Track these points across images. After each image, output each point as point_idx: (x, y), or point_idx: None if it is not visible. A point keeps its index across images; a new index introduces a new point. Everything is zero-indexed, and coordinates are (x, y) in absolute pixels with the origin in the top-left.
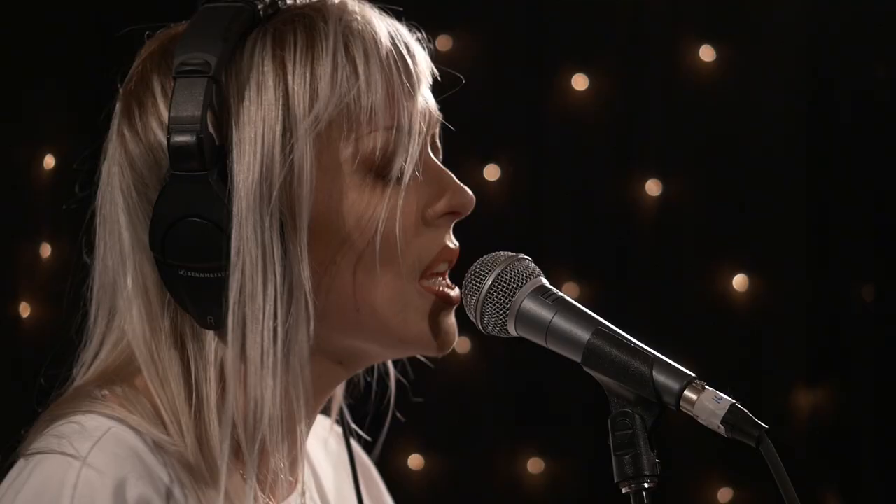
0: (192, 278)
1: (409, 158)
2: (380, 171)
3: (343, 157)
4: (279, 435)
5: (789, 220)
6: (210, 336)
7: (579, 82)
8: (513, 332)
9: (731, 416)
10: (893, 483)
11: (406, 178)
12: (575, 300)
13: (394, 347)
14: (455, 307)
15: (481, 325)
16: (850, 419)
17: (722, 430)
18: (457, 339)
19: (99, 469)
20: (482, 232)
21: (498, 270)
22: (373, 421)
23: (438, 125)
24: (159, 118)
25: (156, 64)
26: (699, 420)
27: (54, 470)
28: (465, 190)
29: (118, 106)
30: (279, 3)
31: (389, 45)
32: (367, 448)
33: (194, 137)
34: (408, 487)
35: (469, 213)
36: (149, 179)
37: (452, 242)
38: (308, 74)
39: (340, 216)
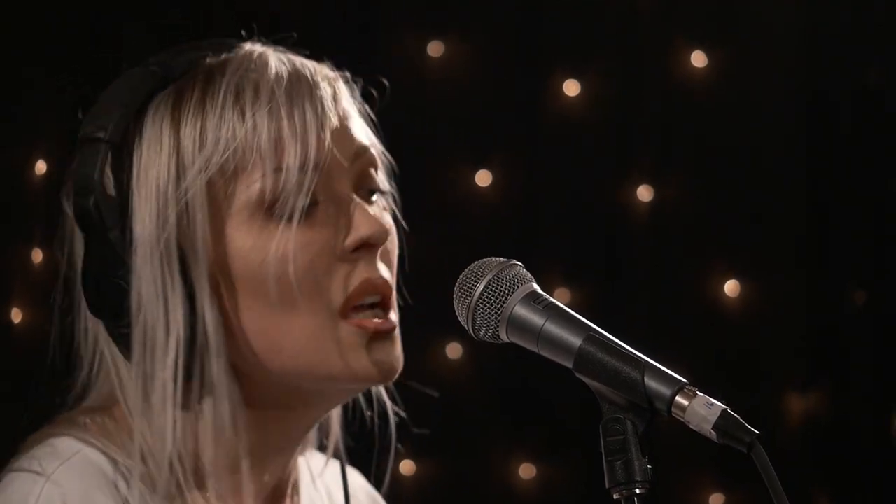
0: (117, 331)
1: (299, 197)
2: (273, 212)
3: (235, 202)
4: (224, 482)
5: (782, 225)
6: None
7: (571, 88)
8: (504, 337)
9: (722, 422)
10: (887, 488)
11: (296, 216)
12: (567, 306)
13: (331, 385)
14: (394, 334)
15: (473, 330)
16: (844, 424)
17: (713, 435)
18: (399, 366)
19: (61, 485)
20: (474, 237)
21: (489, 276)
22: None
23: (373, 157)
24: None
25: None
26: (691, 426)
27: (21, 485)
28: (373, 219)
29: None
30: (196, 62)
31: (284, 89)
32: (360, 457)
33: (92, 199)
34: (399, 493)
35: (383, 242)
36: (80, 243)
37: (376, 274)
38: (198, 126)
39: (240, 260)
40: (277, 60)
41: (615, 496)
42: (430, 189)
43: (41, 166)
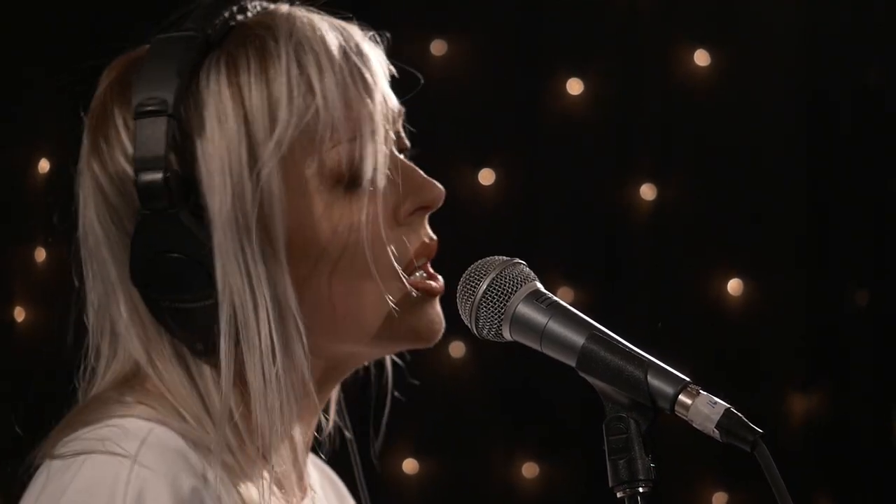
0: (177, 308)
1: (377, 166)
2: (349, 182)
3: (310, 175)
4: (284, 446)
5: (784, 225)
6: (208, 370)
7: (574, 86)
8: (507, 336)
9: (725, 421)
10: (888, 487)
11: (380, 184)
12: (570, 304)
13: (383, 346)
14: (439, 296)
15: (476, 329)
16: (845, 423)
17: (717, 434)
18: (443, 327)
19: (151, 467)
20: (477, 236)
21: (492, 275)
22: (365, 425)
23: (401, 118)
24: (125, 153)
25: (117, 95)
26: (694, 424)
27: (105, 468)
28: (433, 184)
29: (85, 141)
30: (229, 22)
31: (341, 54)
32: (360, 453)
33: (161, 176)
34: (402, 492)
35: (440, 205)
36: (123, 212)
37: (428, 236)
38: (266, 99)
39: (315, 232)
40: (325, 25)
41: (618, 495)
42: None
43: (44, 165)
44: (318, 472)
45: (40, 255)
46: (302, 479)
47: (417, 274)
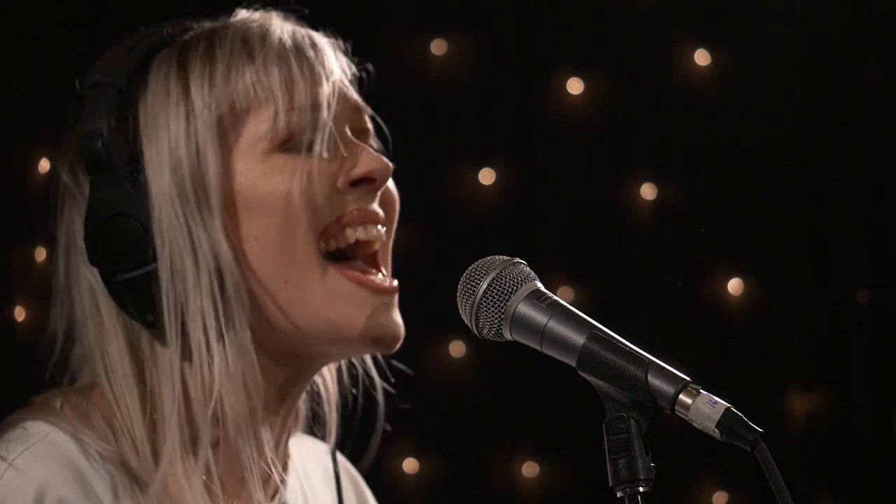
0: (127, 280)
1: (311, 132)
2: (283, 146)
3: (245, 139)
4: (243, 428)
5: (784, 225)
6: (146, 341)
7: (574, 86)
8: (508, 336)
9: (725, 420)
10: (888, 487)
11: (304, 149)
12: (570, 304)
13: (331, 340)
14: (394, 299)
15: (476, 329)
16: (845, 423)
17: (717, 434)
18: (400, 334)
19: (22, 469)
20: (477, 236)
21: (493, 275)
22: (365, 426)
23: (365, 119)
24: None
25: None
26: (694, 424)
27: None
28: (377, 157)
29: (60, 161)
30: (187, 27)
31: (288, 38)
32: (360, 453)
33: (100, 142)
34: (402, 491)
35: (385, 180)
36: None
37: (370, 206)
38: (207, 70)
39: (248, 191)
40: (280, 21)
41: (619, 494)
42: (433, 187)
43: (44, 165)
44: (345, 479)
45: (40, 255)
46: (267, 485)
47: (355, 264)
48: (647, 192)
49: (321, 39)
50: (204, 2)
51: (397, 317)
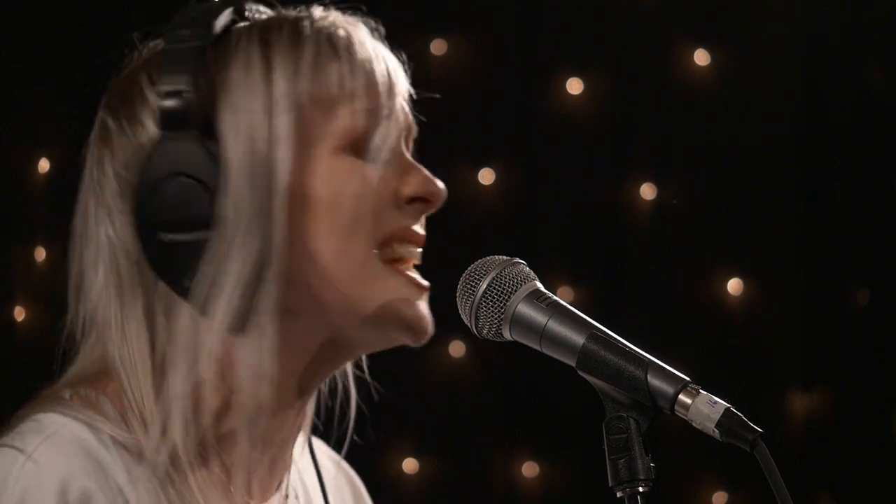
0: (172, 242)
1: (384, 140)
2: (356, 148)
3: (321, 134)
4: (257, 418)
5: (784, 224)
6: (182, 319)
7: (574, 86)
8: (508, 336)
9: (725, 420)
10: (888, 487)
11: (380, 158)
12: (570, 304)
13: (367, 326)
14: (427, 297)
15: (476, 329)
16: (845, 423)
17: (716, 434)
18: (432, 328)
19: (41, 463)
20: (477, 236)
21: (493, 275)
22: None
23: (413, 135)
24: (147, 104)
25: (144, 62)
26: (694, 424)
27: (3, 461)
28: (438, 182)
29: (102, 105)
30: (265, 9)
31: (371, 44)
32: (360, 453)
33: (181, 100)
34: (402, 491)
35: (440, 203)
36: (132, 165)
37: (419, 229)
38: (293, 55)
39: (313, 187)
40: (360, 27)
41: (618, 494)
42: None
43: (44, 165)
44: (335, 473)
45: (40, 255)
46: (274, 477)
47: (402, 264)
48: (647, 192)
49: (393, 57)
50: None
51: (429, 312)
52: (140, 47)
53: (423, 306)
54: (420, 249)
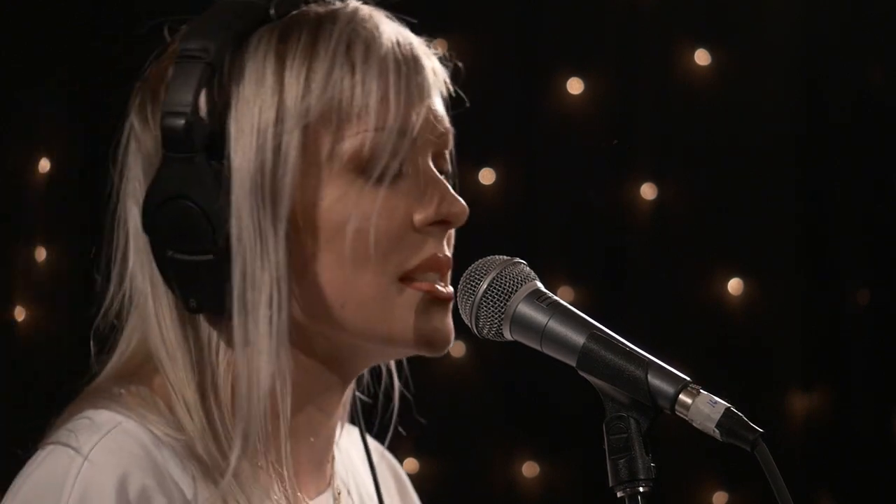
0: (178, 260)
1: (393, 160)
2: (365, 170)
3: (329, 153)
4: (267, 422)
5: (784, 225)
6: (202, 322)
7: (574, 86)
8: (508, 336)
9: (726, 420)
10: (888, 487)
11: (387, 178)
12: (570, 304)
13: (383, 346)
14: (449, 306)
15: (476, 329)
16: (845, 423)
17: (717, 434)
18: (451, 338)
19: (99, 463)
20: (477, 236)
21: (493, 274)
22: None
23: (450, 140)
24: (154, 120)
25: (165, 66)
26: (694, 424)
27: (59, 461)
28: (457, 200)
29: (133, 99)
30: (297, 5)
31: (393, 50)
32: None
33: (184, 121)
34: None
35: (461, 224)
36: (143, 176)
37: (443, 252)
38: (305, 69)
39: (321, 211)
40: (387, 24)
41: (619, 494)
42: None
43: (44, 165)
44: (378, 463)
45: (40, 255)
46: (322, 473)
47: (424, 276)
48: (647, 192)
49: (426, 54)
50: (206, 1)
51: (450, 321)
52: (170, 41)
53: (442, 319)
54: (448, 272)
